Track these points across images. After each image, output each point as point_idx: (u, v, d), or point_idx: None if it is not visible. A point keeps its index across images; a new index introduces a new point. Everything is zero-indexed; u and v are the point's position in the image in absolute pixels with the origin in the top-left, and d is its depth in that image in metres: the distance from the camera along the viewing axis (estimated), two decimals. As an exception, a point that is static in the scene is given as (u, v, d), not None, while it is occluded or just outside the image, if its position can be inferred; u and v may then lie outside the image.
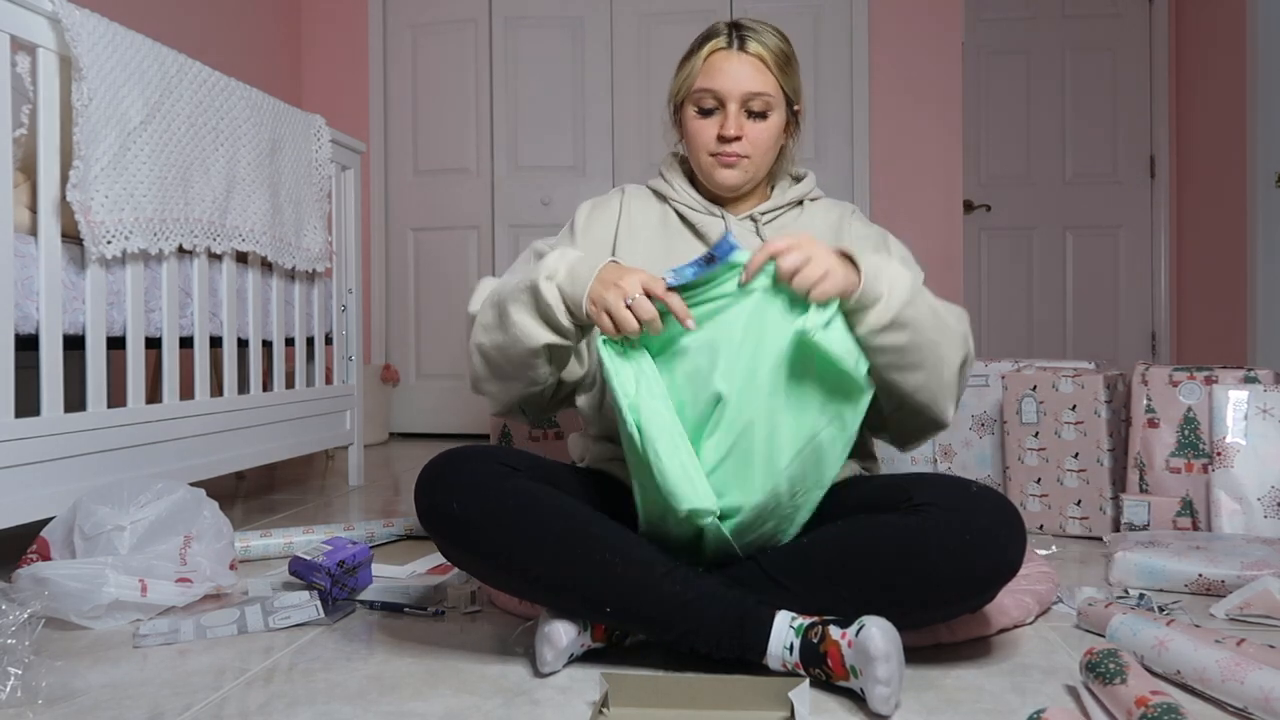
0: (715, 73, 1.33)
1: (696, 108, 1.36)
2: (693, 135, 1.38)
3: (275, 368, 2.32)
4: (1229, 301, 3.61)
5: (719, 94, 1.33)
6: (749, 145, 1.35)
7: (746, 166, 1.37)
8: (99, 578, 1.33)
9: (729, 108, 1.33)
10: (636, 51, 3.79)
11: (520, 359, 1.25)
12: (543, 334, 1.21)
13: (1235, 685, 1.01)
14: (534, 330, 1.21)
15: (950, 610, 1.16)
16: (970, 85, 4.10)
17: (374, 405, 3.64)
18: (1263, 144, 3.35)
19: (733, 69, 1.33)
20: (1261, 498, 1.74)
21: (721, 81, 1.33)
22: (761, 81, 1.33)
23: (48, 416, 1.57)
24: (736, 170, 1.37)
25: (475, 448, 1.23)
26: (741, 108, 1.34)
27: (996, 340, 4.27)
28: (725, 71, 1.33)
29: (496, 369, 1.29)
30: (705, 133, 1.36)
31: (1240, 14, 3.48)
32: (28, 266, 1.55)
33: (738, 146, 1.34)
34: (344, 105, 3.90)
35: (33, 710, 1.05)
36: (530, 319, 1.21)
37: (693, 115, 1.37)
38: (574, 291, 1.18)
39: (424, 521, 1.19)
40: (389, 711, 1.05)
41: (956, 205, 3.69)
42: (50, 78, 1.60)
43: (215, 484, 2.55)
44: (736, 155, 1.35)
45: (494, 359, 1.28)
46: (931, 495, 1.16)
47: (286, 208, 2.24)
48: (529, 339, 1.21)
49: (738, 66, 1.33)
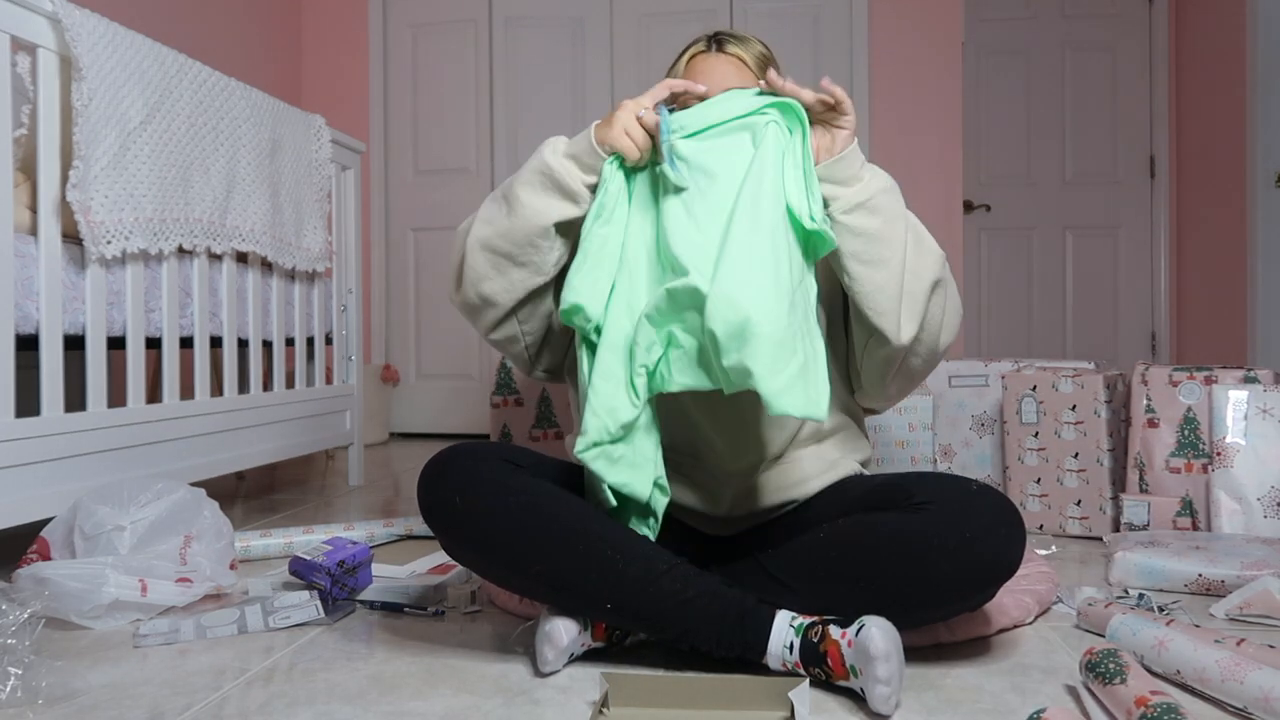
0: (695, 74, 1.36)
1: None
2: None
3: (275, 368, 2.32)
4: (1229, 301, 3.61)
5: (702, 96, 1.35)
6: None
7: None
8: (99, 578, 1.33)
9: None
10: (636, 51, 3.79)
11: (528, 240, 1.25)
12: (555, 207, 1.23)
13: (1235, 685, 1.01)
14: (546, 205, 1.23)
15: (950, 609, 1.16)
16: (970, 85, 4.10)
17: (374, 405, 3.64)
18: (1263, 144, 3.35)
19: (713, 70, 1.35)
20: (1261, 498, 1.75)
21: (702, 82, 1.34)
22: (741, 80, 1.34)
23: (48, 416, 1.57)
24: None
25: (478, 444, 1.23)
26: None
27: (996, 340, 4.27)
28: (705, 72, 1.35)
29: (500, 261, 1.27)
30: None
31: (1240, 14, 3.48)
32: (28, 266, 1.55)
33: None
34: (344, 105, 3.91)
35: (33, 710, 1.05)
36: (542, 195, 1.24)
37: None
38: (580, 148, 1.23)
39: (426, 517, 1.20)
40: (389, 711, 1.05)
41: (956, 205, 3.69)
42: (50, 78, 1.60)
43: (215, 484, 2.55)
44: None
45: (499, 248, 1.26)
46: (931, 494, 1.16)
47: (286, 208, 2.24)
48: (541, 217, 1.23)
49: (716, 66, 1.35)
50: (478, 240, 1.28)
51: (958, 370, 2.26)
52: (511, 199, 1.25)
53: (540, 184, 1.23)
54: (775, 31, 3.67)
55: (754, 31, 3.39)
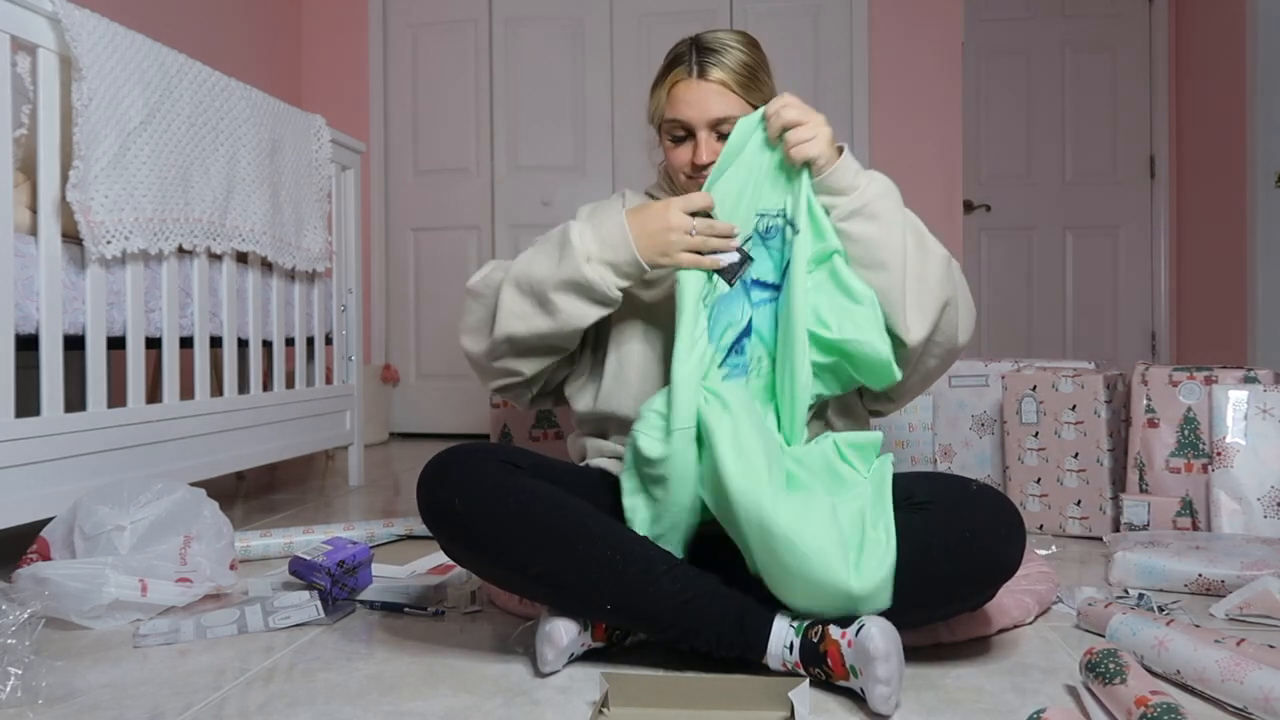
0: (679, 104, 1.35)
1: (670, 136, 1.39)
2: (670, 161, 1.42)
3: (275, 368, 2.32)
4: (1229, 301, 3.61)
5: (686, 124, 1.36)
6: None
7: None
8: (99, 578, 1.33)
9: (699, 135, 1.35)
10: (636, 51, 3.79)
11: (566, 338, 1.33)
12: (594, 312, 1.30)
13: (1235, 685, 1.01)
14: (586, 311, 1.29)
15: (950, 609, 1.16)
16: (970, 85, 4.10)
17: (374, 405, 3.64)
18: (1263, 144, 3.35)
19: (695, 99, 1.34)
20: (1261, 498, 1.74)
21: (686, 112, 1.35)
22: (725, 105, 1.34)
23: (48, 416, 1.57)
24: None
25: (478, 445, 1.23)
26: (711, 132, 1.35)
27: (996, 340, 4.27)
28: (688, 102, 1.34)
29: (531, 350, 1.36)
30: (680, 158, 1.39)
31: (1240, 14, 3.48)
32: (28, 266, 1.55)
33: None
34: (344, 105, 3.91)
35: (33, 710, 1.05)
36: (580, 303, 1.29)
37: (668, 144, 1.40)
38: (621, 258, 1.27)
39: (426, 519, 1.20)
40: (389, 711, 1.05)
41: (956, 205, 3.69)
42: (50, 78, 1.60)
43: (215, 484, 2.55)
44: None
45: (532, 344, 1.34)
46: (932, 494, 1.16)
47: (286, 208, 2.24)
48: (581, 320, 1.30)
49: (699, 96, 1.34)
50: (507, 334, 1.33)
51: (958, 370, 2.26)
52: (546, 303, 1.29)
53: (577, 292, 1.28)
54: (775, 31, 3.67)
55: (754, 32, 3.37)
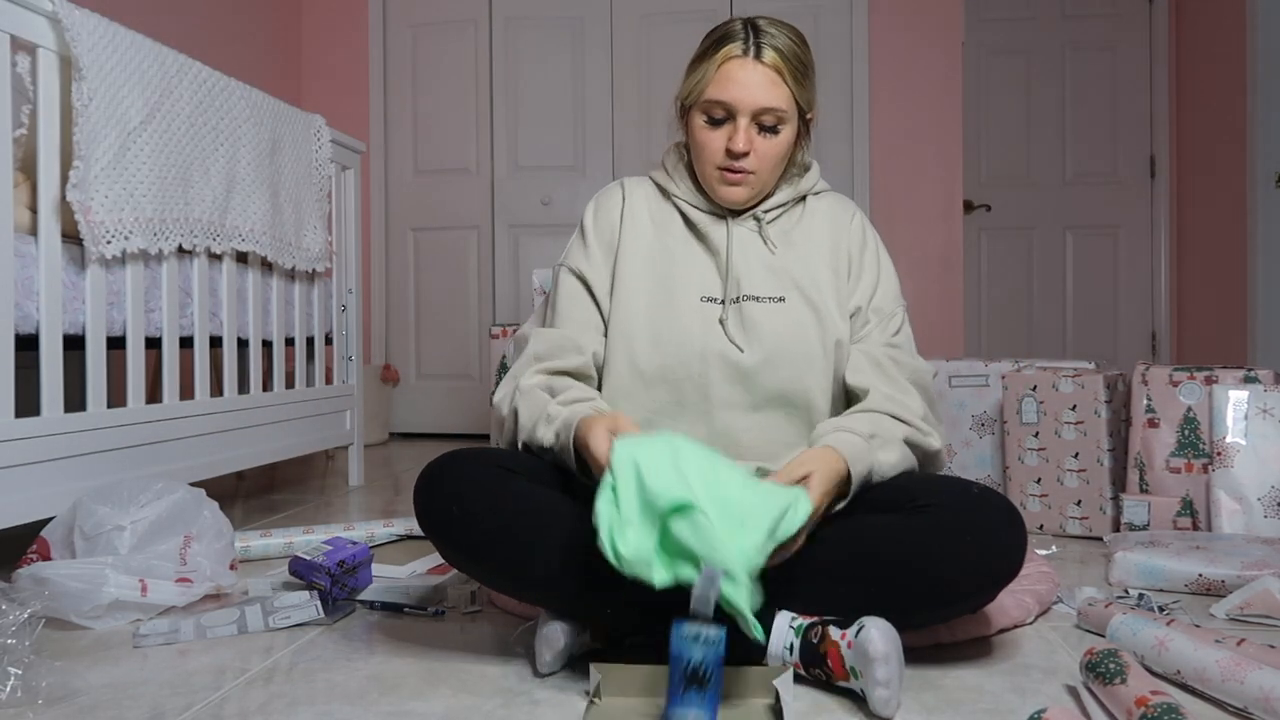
0: (728, 83, 1.25)
1: (706, 116, 1.29)
2: (700, 145, 1.31)
3: (275, 368, 2.32)
4: (1229, 301, 3.61)
5: (731, 106, 1.26)
6: (756, 160, 1.29)
7: (752, 183, 1.31)
8: (99, 578, 1.33)
9: (739, 121, 1.26)
10: (636, 51, 3.79)
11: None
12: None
13: (1235, 685, 1.01)
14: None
15: (951, 611, 1.16)
16: (970, 85, 4.10)
17: (374, 405, 3.64)
18: (1263, 144, 3.35)
19: (747, 80, 1.25)
20: (1261, 498, 1.74)
21: (734, 93, 1.26)
22: (775, 96, 1.26)
23: (48, 416, 1.57)
24: (742, 188, 1.31)
25: (474, 450, 1.23)
26: (753, 121, 1.27)
27: (996, 340, 4.27)
28: (739, 82, 1.25)
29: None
30: (713, 144, 1.29)
31: (1240, 14, 3.47)
32: (28, 266, 1.55)
33: (745, 162, 1.29)
34: (344, 105, 3.90)
35: (33, 710, 1.05)
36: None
37: (701, 124, 1.30)
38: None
39: (423, 524, 1.19)
40: (389, 711, 1.05)
41: (956, 205, 3.69)
42: (50, 78, 1.60)
43: (215, 484, 2.55)
44: (744, 171, 1.29)
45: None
46: (933, 496, 1.16)
47: (286, 208, 2.24)
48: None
49: (752, 78, 1.25)
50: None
51: (958, 370, 2.26)
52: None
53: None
54: (775, 31, 3.66)
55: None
